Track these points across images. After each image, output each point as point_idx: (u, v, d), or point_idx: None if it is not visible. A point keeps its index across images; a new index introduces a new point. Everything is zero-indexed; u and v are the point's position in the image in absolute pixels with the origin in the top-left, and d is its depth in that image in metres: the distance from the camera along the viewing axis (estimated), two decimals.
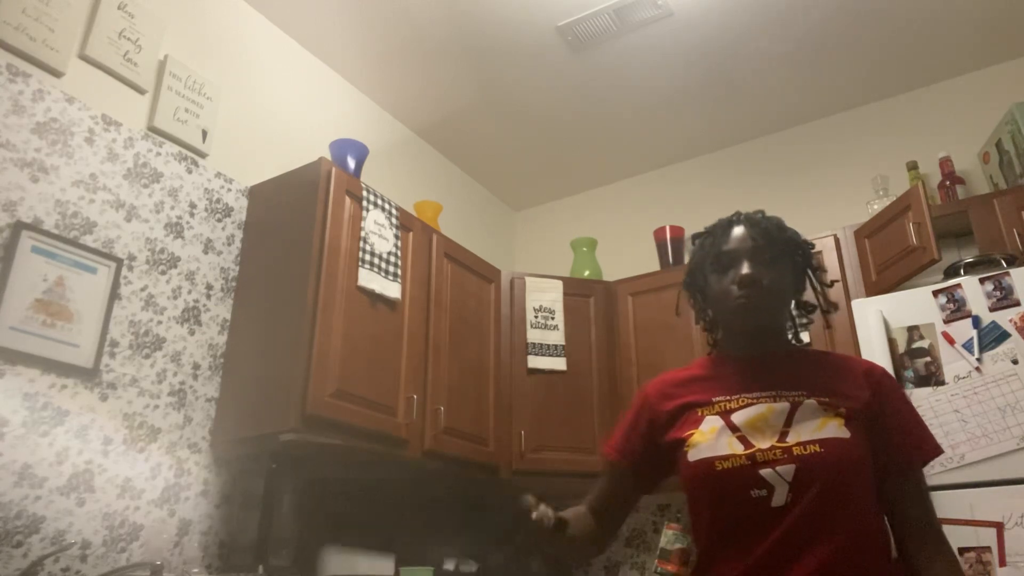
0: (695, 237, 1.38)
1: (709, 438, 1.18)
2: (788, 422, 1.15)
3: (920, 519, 1.17)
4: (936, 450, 1.21)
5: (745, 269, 1.24)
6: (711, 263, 1.30)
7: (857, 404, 1.18)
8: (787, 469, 1.10)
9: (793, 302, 1.34)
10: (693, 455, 1.18)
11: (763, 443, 1.14)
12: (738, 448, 1.14)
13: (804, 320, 1.37)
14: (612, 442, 1.37)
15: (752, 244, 1.26)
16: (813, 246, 1.35)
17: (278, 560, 2.24)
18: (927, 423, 2.12)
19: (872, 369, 1.25)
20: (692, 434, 1.20)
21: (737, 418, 1.19)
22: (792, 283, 1.30)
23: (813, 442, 1.11)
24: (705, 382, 1.29)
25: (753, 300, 1.23)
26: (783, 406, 1.17)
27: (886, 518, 1.18)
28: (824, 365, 1.28)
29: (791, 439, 1.13)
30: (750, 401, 1.20)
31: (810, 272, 1.34)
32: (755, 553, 1.10)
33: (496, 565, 2.90)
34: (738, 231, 1.29)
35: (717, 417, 1.20)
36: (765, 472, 1.11)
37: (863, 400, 1.19)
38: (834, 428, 1.13)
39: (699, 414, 1.22)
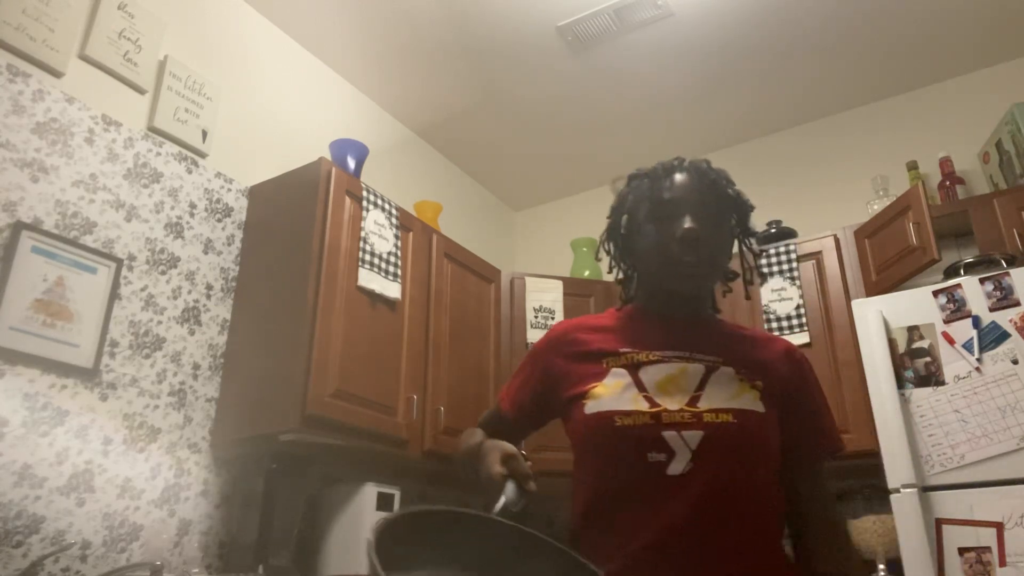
0: (630, 178, 1.21)
1: (613, 391, 1.05)
2: (701, 386, 1.04)
3: (825, 509, 1.10)
4: (841, 446, 1.14)
5: (688, 223, 1.08)
6: (648, 211, 1.14)
7: (774, 380, 1.08)
8: (693, 435, 0.99)
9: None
10: (591, 407, 1.05)
11: (672, 405, 1.02)
12: (643, 405, 1.02)
13: (724, 289, 1.22)
14: (508, 390, 1.24)
15: (698, 196, 1.11)
16: (753, 208, 1.20)
17: (278, 560, 2.24)
18: (927, 423, 2.16)
19: (792, 350, 1.16)
20: (595, 386, 1.07)
21: (646, 375, 1.06)
22: (729, 242, 1.17)
23: (726, 411, 1.01)
24: (614, 333, 1.15)
25: (690, 262, 1.09)
26: (697, 368, 1.06)
27: (792, 506, 1.09)
28: (743, 336, 1.17)
29: (703, 404, 1.02)
30: (661, 358, 1.08)
31: (744, 238, 1.20)
32: (643, 525, 0.98)
33: None
34: (682, 178, 1.13)
35: (624, 371, 1.07)
36: (668, 435, 0.99)
37: (781, 377, 1.09)
38: (749, 400, 1.03)
39: (604, 366, 1.09)
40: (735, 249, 1.21)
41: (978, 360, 2.14)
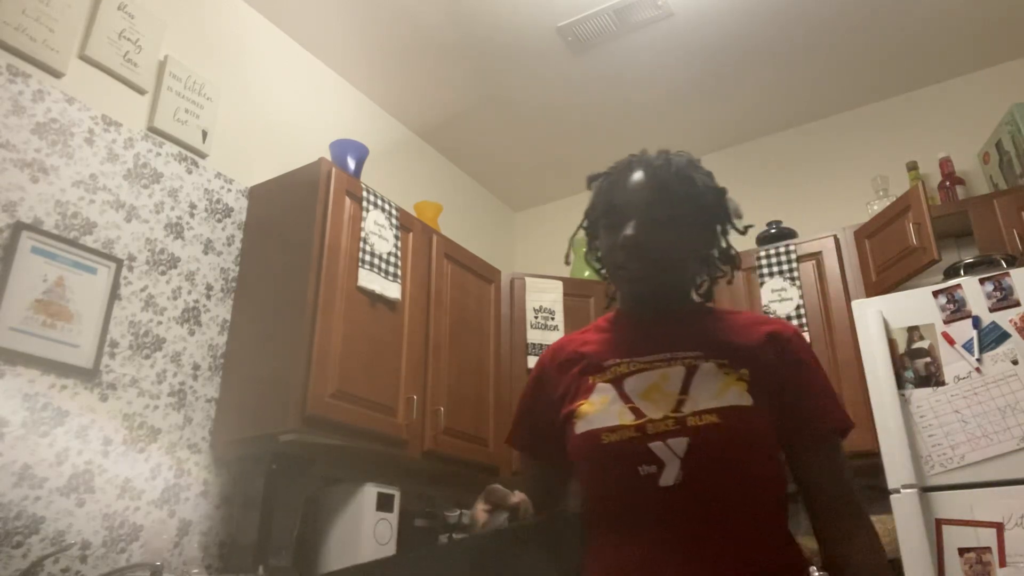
0: (591, 180, 1.21)
1: (599, 408, 1.04)
2: (684, 389, 1.02)
3: (834, 493, 1.04)
4: (847, 421, 1.08)
5: (629, 231, 1.07)
6: (602, 217, 1.14)
7: (759, 366, 1.04)
8: (679, 442, 0.97)
9: (710, 254, 1.17)
10: (580, 427, 1.05)
11: (656, 413, 1.00)
12: (628, 419, 1.01)
13: (719, 274, 1.18)
14: (512, 427, 1.23)
15: (645, 197, 1.08)
16: (725, 191, 1.15)
17: (278, 560, 2.24)
18: (927, 423, 2.16)
19: (779, 331, 1.10)
20: (582, 404, 1.07)
21: (629, 386, 1.05)
22: (698, 238, 1.13)
23: (711, 411, 0.99)
24: (600, 344, 1.15)
25: (634, 268, 1.08)
26: (678, 370, 1.04)
27: (803, 494, 1.06)
28: (727, 323, 1.13)
29: (687, 408, 1.00)
30: (643, 366, 1.07)
31: (722, 224, 1.16)
32: (641, 540, 0.97)
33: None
34: (634, 179, 1.11)
35: (609, 385, 1.06)
36: (655, 445, 0.98)
37: (766, 362, 1.05)
38: (735, 394, 1.00)
39: (590, 382, 1.09)
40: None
41: (978, 360, 2.14)
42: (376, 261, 2.53)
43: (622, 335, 1.15)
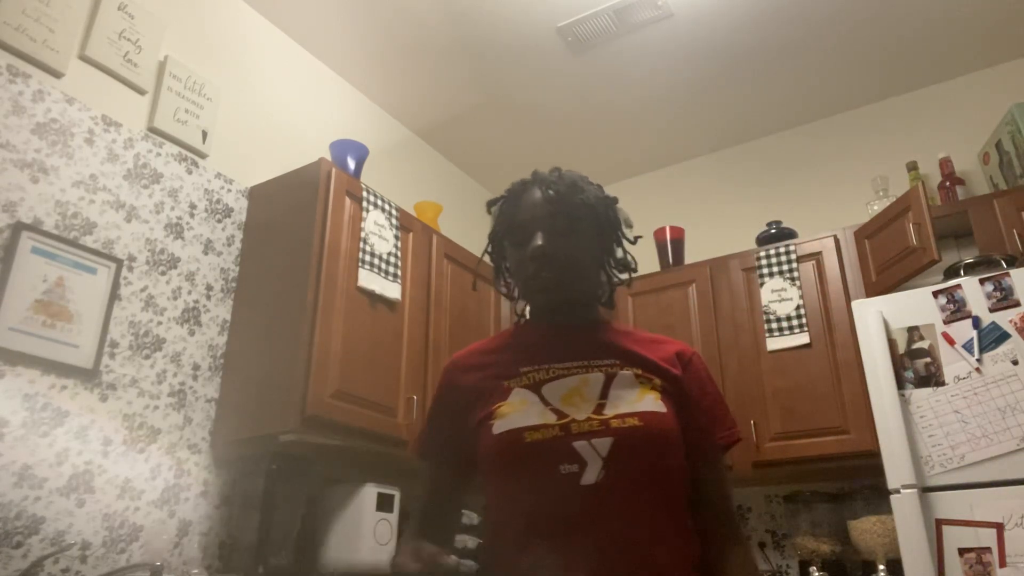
0: (490, 204, 1.28)
1: (519, 409, 1.06)
2: (604, 394, 1.07)
3: (719, 504, 1.12)
4: (738, 436, 1.16)
5: (537, 241, 1.12)
6: (507, 236, 1.20)
7: (669, 379, 1.11)
8: (603, 442, 1.00)
9: (608, 262, 1.22)
10: (499, 427, 1.06)
11: (579, 415, 1.04)
12: (551, 419, 1.04)
13: (618, 280, 1.24)
14: (420, 437, 1.24)
15: (546, 210, 1.14)
16: (616, 200, 1.22)
17: (278, 561, 2.24)
18: (927, 423, 2.16)
19: (683, 350, 1.18)
20: (500, 406, 1.08)
21: (549, 391, 1.08)
22: (597, 247, 1.19)
23: (632, 415, 1.03)
24: (512, 352, 1.18)
25: (546, 277, 1.13)
26: (597, 376, 1.09)
27: (694, 496, 1.12)
28: (636, 339, 1.19)
29: (608, 411, 1.04)
30: (562, 372, 1.10)
31: (614, 232, 1.22)
32: (560, 538, 0.98)
33: None
34: (532, 196, 1.17)
35: (527, 390, 1.09)
36: (579, 444, 1.00)
37: (674, 376, 1.12)
38: (651, 401, 1.06)
39: (506, 386, 1.10)
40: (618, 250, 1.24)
41: (978, 361, 2.14)
42: (376, 261, 2.53)
43: (535, 343, 1.18)
